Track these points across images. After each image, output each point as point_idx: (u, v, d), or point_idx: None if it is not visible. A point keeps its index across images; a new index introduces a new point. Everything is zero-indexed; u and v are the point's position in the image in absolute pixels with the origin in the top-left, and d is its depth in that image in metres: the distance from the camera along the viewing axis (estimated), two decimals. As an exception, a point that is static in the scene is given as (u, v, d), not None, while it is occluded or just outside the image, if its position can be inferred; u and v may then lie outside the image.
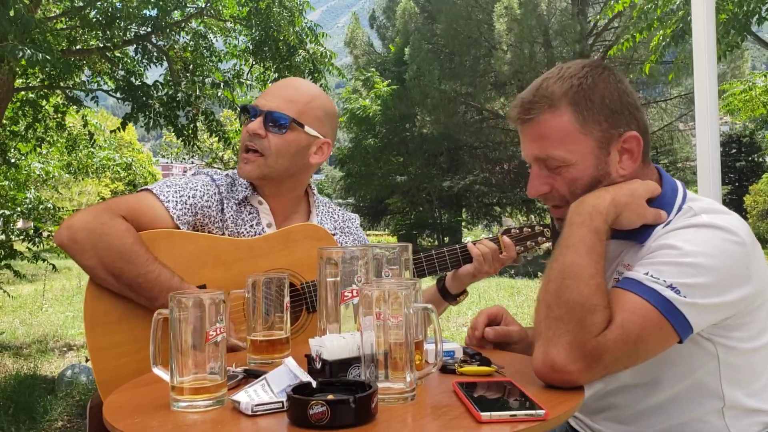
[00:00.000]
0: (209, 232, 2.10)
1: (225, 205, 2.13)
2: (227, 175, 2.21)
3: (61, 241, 1.94)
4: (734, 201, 29.96)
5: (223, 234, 2.11)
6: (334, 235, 2.26)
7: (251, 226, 2.15)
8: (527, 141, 1.64)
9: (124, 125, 7.86)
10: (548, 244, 2.31)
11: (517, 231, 2.30)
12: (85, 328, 1.96)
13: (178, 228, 2.03)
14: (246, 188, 2.17)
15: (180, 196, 2.05)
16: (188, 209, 2.05)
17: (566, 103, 1.57)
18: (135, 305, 1.96)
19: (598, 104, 1.57)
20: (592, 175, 1.59)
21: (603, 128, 1.57)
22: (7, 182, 8.56)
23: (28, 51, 4.78)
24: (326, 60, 8.15)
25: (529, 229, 2.32)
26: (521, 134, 1.66)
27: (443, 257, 2.21)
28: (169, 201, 2.03)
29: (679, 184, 1.65)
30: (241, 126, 2.19)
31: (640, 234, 1.57)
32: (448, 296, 2.30)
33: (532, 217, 28.34)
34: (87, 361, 5.43)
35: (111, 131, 8.94)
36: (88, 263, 1.92)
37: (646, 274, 1.43)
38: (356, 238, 2.37)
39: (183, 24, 8.14)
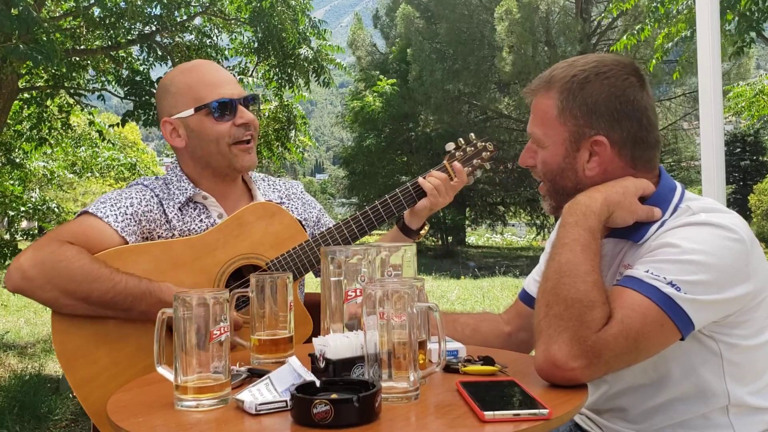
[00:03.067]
0: (159, 236, 2.05)
1: (165, 207, 2.08)
2: (158, 178, 2.17)
3: (14, 285, 1.86)
4: (738, 200, 29.91)
5: (173, 236, 2.06)
6: (281, 204, 2.23)
7: (201, 221, 2.10)
8: (531, 113, 1.71)
9: (124, 122, 7.87)
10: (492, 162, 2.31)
11: (462, 153, 2.26)
12: (63, 367, 1.91)
13: (126, 240, 1.98)
14: (186, 189, 2.11)
15: (118, 209, 2.00)
16: (130, 219, 2.00)
17: (557, 89, 1.63)
18: (106, 330, 1.92)
19: (579, 100, 1.60)
20: (559, 164, 1.64)
21: (578, 124, 1.61)
22: (11, 182, 8.57)
23: (31, 53, 4.78)
24: (329, 57, 8.15)
25: (472, 148, 2.27)
26: None
27: (397, 198, 2.19)
28: (108, 216, 1.97)
29: (678, 185, 1.66)
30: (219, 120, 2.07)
31: (634, 232, 1.59)
32: (410, 232, 2.28)
33: (536, 215, 28.33)
34: (73, 397, 5.32)
35: (110, 126, 8.96)
36: (48, 296, 1.86)
37: (647, 271, 1.44)
38: (304, 202, 2.34)
39: (187, 23, 8.15)
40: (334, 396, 1.19)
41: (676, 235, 1.50)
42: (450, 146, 2.28)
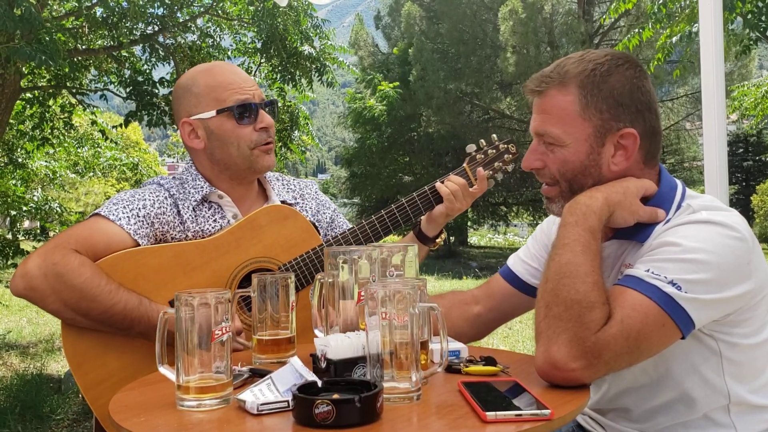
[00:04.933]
0: (172, 238, 2.03)
1: (180, 207, 2.05)
2: (174, 177, 2.15)
3: (18, 292, 1.85)
4: (741, 201, 29.90)
5: (186, 237, 2.04)
6: (295, 204, 2.22)
7: (215, 221, 2.07)
8: (534, 113, 1.67)
9: (127, 122, 7.88)
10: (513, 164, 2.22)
11: (482, 156, 2.19)
12: (72, 369, 1.91)
13: (138, 243, 1.96)
14: (202, 188, 2.09)
15: (130, 211, 1.97)
16: (142, 221, 1.98)
17: (575, 84, 1.59)
18: (115, 333, 1.92)
19: (605, 93, 1.58)
20: (583, 161, 1.60)
21: (604, 118, 1.58)
22: (14, 182, 8.59)
23: (34, 53, 4.79)
24: (332, 57, 8.15)
25: (494, 150, 2.20)
26: (532, 107, 1.68)
27: (414, 203, 2.14)
28: (120, 219, 1.95)
29: (678, 182, 1.66)
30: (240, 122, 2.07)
31: (639, 233, 1.58)
32: (426, 240, 2.23)
33: (539, 215, 28.30)
34: (84, 401, 5.36)
35: (113, 126, 8.98)
36: (52, 307, 1.85)
37: (647, 271, 1.44)
38: (319, 202, 2.31)
39: (189, 23, 8.16)
40: (335, 396, 1.19)
41: (676, 233, 1.49)
42: (471, 148, 2.22)
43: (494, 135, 2.25)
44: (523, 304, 1.94)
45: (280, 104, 8.62)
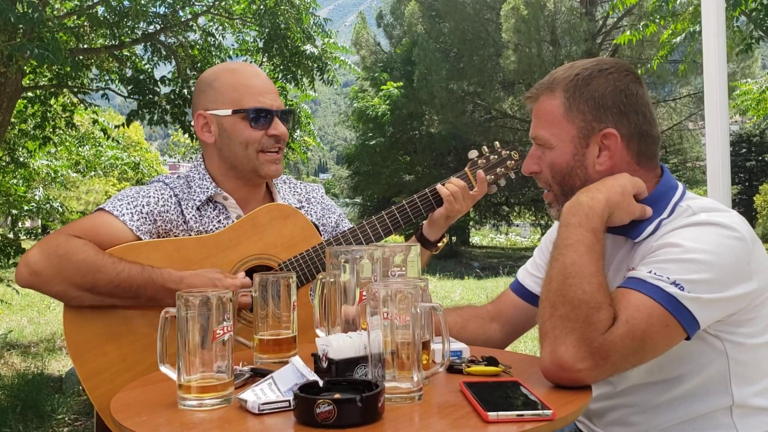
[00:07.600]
0: (175, 236, 2.06)
1: (183, 207, 2.08)
2: (179, 177, 2.16)
3: (23, 279, 1.89)
4: (744, 201, 29.88)
5: (189, 236, 2.06)
6: (301, 208, 2.23)
7: (218, 221, 2.10)
8: (532, 120, 1.73)
9: (129, 122, 7.88)
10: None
11: (484, 161, 2.19)
12: (72, 359, 1.94)
13: (140, 239, 1.98)
14: (208, 188, 2.11)
15: (134, 207, 2.01)
16: (145, 218, 2.01)
17: (561, 89, 1.65)
18: (116, 324, 1.94)
19: (586, 95, 1.63)
20: (569, 162, 1.66)
21: (586, 119, 1.63)
22: (15, 181, 8.59)
23: (36, 50, 4.78)
24: (334, 56, 8.14)
25: (496, 156, 2.19)
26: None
27: (415, 205, 2.14)
28: (124, 215, 1.98)
29: (680, 185, 1.68)
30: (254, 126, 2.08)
31: (631, 230, 1.60)
32: (428, 244, 2.22)
33: (541, 215, 28.29)
34: (83, 392, 5.34)
35: (115, 126, 8.97)
36: (58, 289, 1.88)
37: (650, 272, 1.45)
38: (324, 207, 2.33)
39: (191, 22, 8.15)
40: (337, 396, 1.19)
41: (678, 235, 1.51)
42: (473, 154, 2.22)
43: (497, 142, 2.26)
44: (535, 317, 1.94)
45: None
